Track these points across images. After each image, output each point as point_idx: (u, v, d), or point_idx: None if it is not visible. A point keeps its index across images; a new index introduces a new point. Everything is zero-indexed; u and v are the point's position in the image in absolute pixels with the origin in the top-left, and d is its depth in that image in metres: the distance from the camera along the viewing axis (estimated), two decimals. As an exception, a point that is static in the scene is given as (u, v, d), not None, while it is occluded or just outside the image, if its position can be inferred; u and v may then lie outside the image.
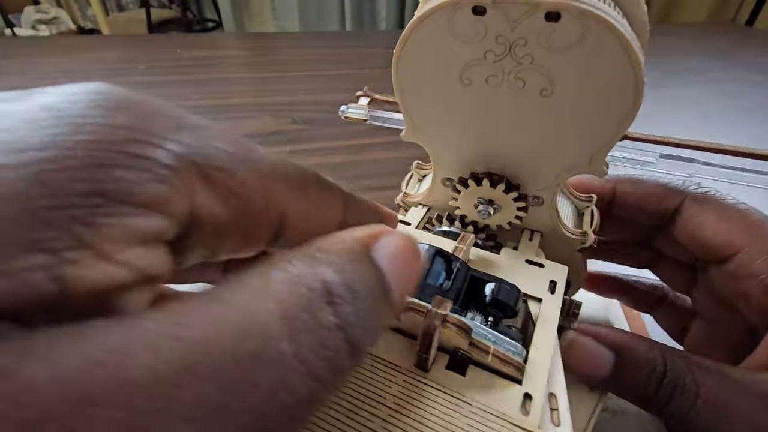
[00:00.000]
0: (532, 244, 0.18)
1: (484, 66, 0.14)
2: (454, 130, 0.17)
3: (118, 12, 1.83)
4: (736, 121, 0.51)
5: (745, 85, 0.60)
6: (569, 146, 0.16)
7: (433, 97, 0.16)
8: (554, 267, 0.17)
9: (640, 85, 0.13)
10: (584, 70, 0.14)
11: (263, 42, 0.82)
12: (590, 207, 0.20)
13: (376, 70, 0.64)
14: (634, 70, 0.13)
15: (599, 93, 0.14)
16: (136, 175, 0.07)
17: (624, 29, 0.13)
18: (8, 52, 0.68)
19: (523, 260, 0.17)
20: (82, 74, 0.60)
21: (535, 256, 0.18)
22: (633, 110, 0.14)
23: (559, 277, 0.17)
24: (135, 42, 0.79)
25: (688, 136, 0.19)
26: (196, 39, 0.89)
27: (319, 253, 0.09)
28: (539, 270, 0.17)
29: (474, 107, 0.16)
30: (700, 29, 0.88)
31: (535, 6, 0.13)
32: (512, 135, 0.16)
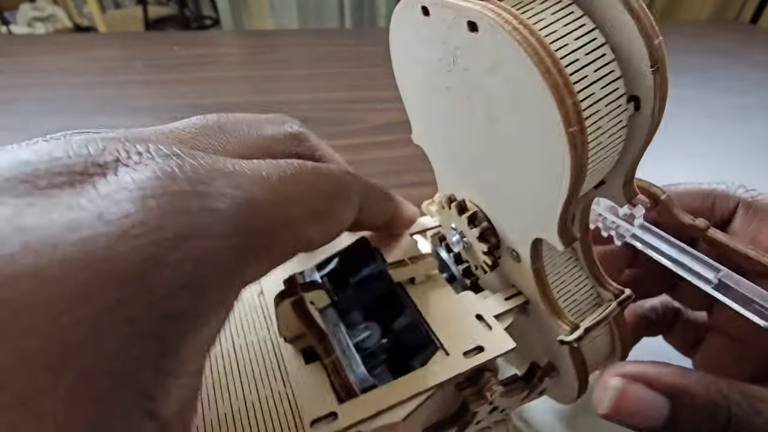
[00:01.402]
0: (507, 303, 0.15)
1: (440, 74, 0.13)
2: (438, 140, 0.15)
3: (115, 9, 1.81)
4: (739, 119, 0.51)
5: (749, 83, 0.60)
6: (524, 195, 0.12)
7: (418, 99, 0.15)
8: (499, 338, 0.14)
9: (576, 143, 0.10)
10: (510, 100, 0.11)
11: (261, 39, 0.81)
12: (612, 304, 0.15)
13: (375, 68, 0.64)
14: (559, 115, 0.09)
15: (529, 134, 0.11)
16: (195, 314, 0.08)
17: (544, 51, 0.09)
18: (4, 50, 0.68)
19: (475, 313, 0.15)
20: (79, 72, 0.60)
21: (491, 317, 0.15)
22: (570, 180, 0.10)
23: (492, 348, 0.14)
24: (132, 40, 0.78)
25: (691, 134, 0.18)
26: (193, 36, 0.88)
27: None
28: (480, 330, 0.14)
29: (446, 119, 0.14)
30: (703, 27, 0.87)
31: (457, 11, 0.10)
32: (480, 163, 0.14)
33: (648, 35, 0.10)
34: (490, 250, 0.15)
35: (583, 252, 0.15)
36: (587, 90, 0.10)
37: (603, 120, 0.10)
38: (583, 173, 0.10)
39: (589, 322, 0.15)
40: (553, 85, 0.09)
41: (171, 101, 0.52)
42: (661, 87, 0.10)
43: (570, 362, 0.15)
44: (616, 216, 0.17)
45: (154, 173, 0.08)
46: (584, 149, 0.10)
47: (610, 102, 0.10)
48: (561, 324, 0.15)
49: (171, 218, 0.07)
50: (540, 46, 0.09)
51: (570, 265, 0.15)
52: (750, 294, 0.13)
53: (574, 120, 0.10)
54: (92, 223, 0.07)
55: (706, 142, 0.46)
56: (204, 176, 0.08)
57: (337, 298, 0.14)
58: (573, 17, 0.10)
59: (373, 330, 0.14)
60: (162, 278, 0.07)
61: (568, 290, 0.16)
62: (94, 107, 0.50)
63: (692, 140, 0.45)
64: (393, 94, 0.16)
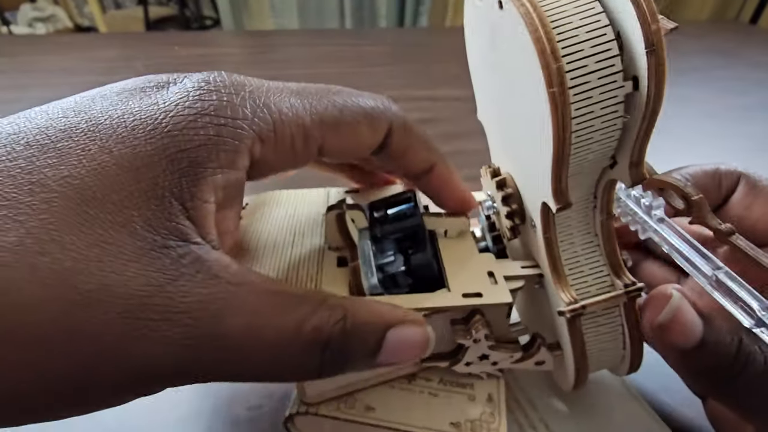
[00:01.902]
0: (521, 270, 0.17)
1: (488, 53, 0.15)
2: (490, 116, 0.17)
3: (115, 10, 1.81)
4: (739, 119, 0.51)
5: (749, 83, 0.60)
6: (532, 159, 0.14)
7: (479, 79, 0.17)
8: (499, 292, 0.16)
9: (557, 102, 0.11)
10: (519, 69, 0.13)
11: (262, 40, 0.81)
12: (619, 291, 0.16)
13: (376, 68, 0.64)
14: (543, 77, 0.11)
15: (530, 99, 0.12)
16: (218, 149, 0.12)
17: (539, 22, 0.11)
18: (5, 50, 0.68)
19: (486, 270, 0.16)
20: (80, 72, 0.60)
21: (501, 276, 0.16)
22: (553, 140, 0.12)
23: (488, 297, 0.15)
24: (132, 40, 0.78)
25: (692, 134, 0.19)
26: (194, 36, 0.89)
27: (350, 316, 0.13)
28: (486, 283, 0.16)
29: (493, 95, 0.16)
30: (704, 27, 0.88)
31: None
32: (510, 133, 0.15)
33: (645, 20, 0.11)
34: (510, 215, 0.16)
35: (603, 236, 0.16)
36: (580, 62, 0.11)
37: (595, 91, 0.12)
38: (565, 134, 0.12)
39: (590, 300, 0.15)
40: (541, 50, 0.11)
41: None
42: (657, 69, 0.11)
43: (568, 341, 0.16)
44: (638, 206, 0.17)
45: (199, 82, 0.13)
46: (565, 110, 0.11)
47: (604, 76, 0.12)
48: (562, 295, 0.15)
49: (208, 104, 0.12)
50: (537, 18, 0.11)
51: (588, 248, 0.16)
52: (741, 293, 0.13)
53: (556, 82, 0.11)
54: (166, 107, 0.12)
55: (707, 142, 0.46)
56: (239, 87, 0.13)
57: (375, 225, 0.17)
58: (585, 1, 0.12)
59: (398, 259, 0.17)
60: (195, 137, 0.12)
61: (581, 271, 0.16)
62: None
63: (692, 140, 0.45)
64: (394, 94, 0.17)
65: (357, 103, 0.15)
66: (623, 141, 0.13)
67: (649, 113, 0.12)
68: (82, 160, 0.11)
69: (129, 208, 0.11)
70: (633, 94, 0.12)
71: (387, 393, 0.18)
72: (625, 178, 0.13)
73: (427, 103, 0.52)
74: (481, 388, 0.18)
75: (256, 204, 0.22)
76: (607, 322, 0.16)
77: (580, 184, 0.15)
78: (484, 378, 0.19)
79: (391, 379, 0.18)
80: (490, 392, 0.18)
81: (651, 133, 0.12)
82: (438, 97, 0.54)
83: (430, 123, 0.47)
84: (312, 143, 0.14)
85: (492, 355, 0.17)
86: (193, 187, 0.12)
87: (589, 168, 0.14)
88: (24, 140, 0.11)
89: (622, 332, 0.16)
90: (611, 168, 0.14)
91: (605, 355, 0.17)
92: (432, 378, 0.18)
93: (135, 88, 0.13)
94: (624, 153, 0.13)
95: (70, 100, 0.13)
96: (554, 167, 0.13)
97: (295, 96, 0.14)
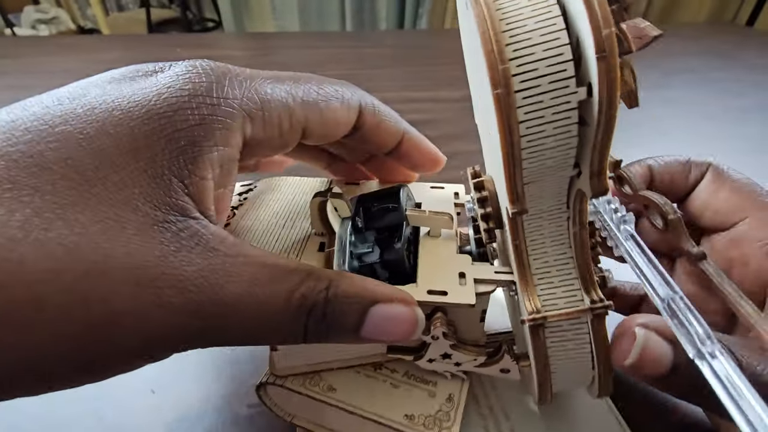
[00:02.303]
0: (493, 275, 0.16)
1: (474, 56, 0.14)
2: (480, 119, 0.17)
3: (118, 12, 1.82)
4: (736, 121, 0.51)
5: (746, 85, 0.60)
6: (496, 165, 0.14)
7: (470, 79, 0.17)
8: (465, 293, 0.15)
9: (501, 103, 0.11)
10: (481, 68, 0.12)
11: (263, 42, 0.82)
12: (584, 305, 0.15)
13: (376, 70, 0.64)
14: (488, 77, 0.11)
15: (487, 98, 0.12)
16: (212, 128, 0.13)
17: (490, 23, 0.11)
18: (8, 51, 0.68)
19: (459, 271, 0.16)
20: (83, 74, 0.60)
21: (471, 278, 0.16)
22: (500, 142, 0.12)
23: (453, 297, 0.15)
24: (135, 42, 0.79)
25: (689, 136, 0.19)
26: (196, 39, 0.89)
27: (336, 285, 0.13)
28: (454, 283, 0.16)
29: (477, 96, 0.16)
30: (701, 29, 0.88)
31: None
32: (486, 136, 0.15)
33: (596, 24, 0.10)
34: (485, 218, 0.16)
35: (575, 248, 0.15)
36: (531, 65, 0.11)
37: (545, 95, 0.11)
38: (512, 137, 0.12)
39: (553, 312, 0.15)
40: (487, 51, 0.11)
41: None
42: (608, 75, 0.10)
43: (531, 352, 0.15)
44: (611, 220, 0.17)
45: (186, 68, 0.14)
46: (510, 112, 0.11)
47: (555, 80, 0.11)
48: (526, 303, 0.15)
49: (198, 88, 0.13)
50: (489, 18, 0.11)
51: (561, 259, 0.15)
52: (688, 323, 0.13)
53: (501, 84, 0.11)
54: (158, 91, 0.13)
55: (703, 144, 0.46)
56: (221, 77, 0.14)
57: (358, 216, 0.18)
58: (544, 4, 0.12)
59: (375, 250, 0.17)
60: (189, 117, 0.12)
61: (551, 282, 0.15)
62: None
63: (689, 141, 0.46)
64: (394, 96, 0.17)
65: (330, 86, 0.16)
66: (584, 149, 0.12)
67: (603, 121, 0.11)
68: (81, 143, 0.11)
69: (129, 186, 0.11)
70: (588, 101, 0.11)
71: (351, 377, 0.19)
72: (587, 189, 0.13)
73: (428, 105, 0.53)
74: (443, 387, 0.19)
75: (259, 189, 0.23)
76: (573, 337, 0.15)
77: (545, 191, 0.14)
78: (448, 378, 0.19)
79: (358, 364, 0.19)
80: (451, 392, 0.18)
81: (609, 143, 0.12)
82: (438, 98, 0.55)
83: (431, 124, 0.48)
84: (296, 123, 0.15)
85: (454, 355, 0.17)
86: (191, 164, 0.12)
87: (552, 175, 0.13)
88: (23, 127, 0.11)
89: (591, 351, 0.15)
90: (578, 177, 0.13)
91: (573, 373, 0.16)
92: (398, 370, 0.19)
93: (124, 77, 0.13)
94: (585, 162, 0.12)
95: (63, 90, 0.13)
96: (505, 170, 0.12)
97: (274, 81, 0.15)
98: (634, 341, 0.14)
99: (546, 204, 0.15)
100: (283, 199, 0.21)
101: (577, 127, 0.12)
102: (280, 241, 0.18)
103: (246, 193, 0.23)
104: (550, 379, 0.16)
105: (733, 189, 0.18)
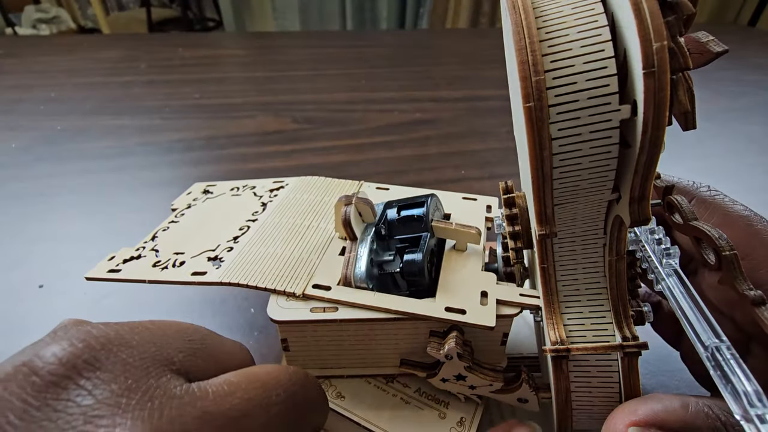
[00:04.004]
0: (518, 297, 0.15)
1: (512, 62, 0.13)
2: (516, 130, 0.16)
3: (119, 11, 1.82)
4: (738, 121, 0.51)
5: (747, 85, 0.60)
6: (527, 183, 0.13)
7: (510, 88, 0.16)
8: (485, 314, 0.15)
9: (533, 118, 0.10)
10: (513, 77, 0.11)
11: (264, 41, 0.82)
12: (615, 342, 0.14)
13: (376, 69, 0.64)
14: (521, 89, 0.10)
15: (518, 111, 0.11)
16: None
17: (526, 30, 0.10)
18: (9, 51, 0.68)
19: (481, 289, 0.16)
20: (83, 73, 0.60)
21: (494, 298, 0.15)
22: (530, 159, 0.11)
23: (472, 317, 0.15)
24: (136, 41, 0.79)
25: (689, 136, 0.18)
26: (196, 38, 0.89)
27: None
28: (475, 302, 0.15)
29: (513, 107, 0.15)
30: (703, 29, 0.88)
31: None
32: (522, 156, 0.14)
33: (646, 36, 0.09)
34: (513, 236, 0.15)
35: (610, 278, 0.14)
36: (569, 78, 0.10)
37: (583, 112, 0.10)
38: (542, 152, 0.11)
39: (580, 345, 0.14)
40: (521, 61, 0.10)
41: (176, 101, 0.52)
42: (657, 94, 0.09)
43: (553, 385, 0.15)
44: (654, 253, 0.15)
45: None
46: (542, 127, 0.10)
47: (595, 96, 0.10)
48: (551, 332, 0.14)
49: None
50: (525, 26, 0.10)
51: (593, 289, 0.14)
52: (735, 378, 0.11)
53: (534, 97, 0.10)
54: None
55: (705, 144, 0.46)
56: None
57: (382, 223, 0.18)
58: (590, 12, 0.10)
59: (396, 260, 0.17)
60: None
61: (580, 312, 0.14)
62: (100, 107, 0.51)
63: (690, 141, 0.46)
64: (394, 96, 0.17)
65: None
66: (625, 173, 0.11)
67: (648, 144, 0.10)
68: None
69: None
70: (632, 121, 0.10)
71: (362, 387, 0.18)
72: (626, 216, 0.12)
73: (428, 104, 0.53)
74: (455, 410, 0.18)
75: (291, 186, 0.23)
76: (600, 375, 0.14)
77: (579, 214, 0.13)
78: (462, 400, 0.18)
79: (370, 375, 0.18)
80: (463, 416, 0.17)
81: (653, 167, 0.11)
82: (438, 98, 0.55)
83: (431, 124, 0.48)
84: None
85: (469, 377, 0.16)
86: None
87: (586, 198, 0.12)
88: None
89: (619, 391, 0.14)
90: (617, 202, 0.12)
91: (597, 412, 0.15)
92: (410, 385, 0.18)
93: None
94: (626, 186, 0.11)
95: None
96: (534, 188, 0.11)
97: None
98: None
99: (579, 228, 0.13)
100: (312, 200, 0.21)
101: (617, 148, 0.11)
102: (303, 241, 0.18)
103: (277, 190, 0.23)
104: (572, 416, 0.15)
105: (725, 224, 0.16)
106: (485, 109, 0.52)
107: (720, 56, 0.10)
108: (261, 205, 0.21)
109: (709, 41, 0.11)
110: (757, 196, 0.37)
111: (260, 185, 0.23)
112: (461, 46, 0.78)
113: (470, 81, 0.61)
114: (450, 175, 0.39)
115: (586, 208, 0.13)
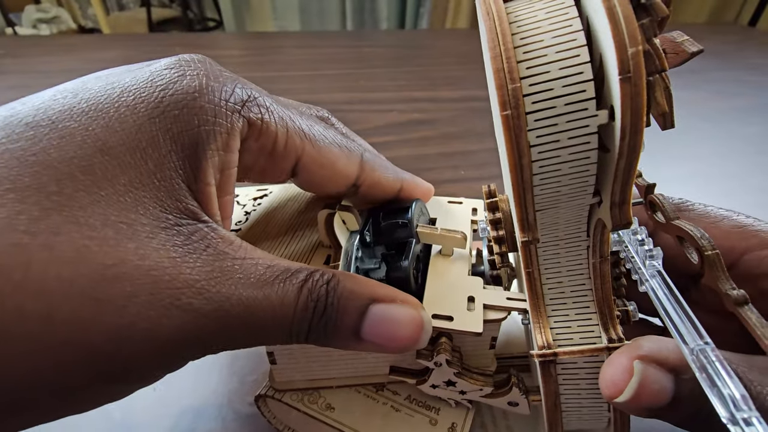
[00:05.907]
0: (505, 301, 0.15)
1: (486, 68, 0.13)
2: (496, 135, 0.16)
3: (119, 11, 1.83)
4: (737, 122, 0.51)
5: (747, 86, 0.60)
6: (509, 188, 0.13)
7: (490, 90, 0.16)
8: (472, 319, 0.15)
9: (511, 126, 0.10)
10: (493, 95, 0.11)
11: (264, 41, 0.82)
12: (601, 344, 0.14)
13: (376, 69, 0.64)
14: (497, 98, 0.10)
15: (497, 119, 0.11)
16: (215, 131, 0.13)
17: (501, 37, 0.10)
18: (10, 50, 0.69)
19: (468, 295, 0.15)
20: (83, 73, 0.60)
21: (481, 303, 0.15)
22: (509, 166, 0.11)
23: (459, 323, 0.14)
24: (136, 41, 0.79)
25: (688, 136, 0.18)
26: (196, 38, 0.89)
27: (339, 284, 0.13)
28: (462, 307, 0.15)
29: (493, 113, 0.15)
30: (702, 30, 0.88)
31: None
32: (503, 162, 0.14)
33: (621, 41, 0.09)
34: (497, 240, 0.15)
35: (594, 280, 0.14)
36: (545, 84, 0.10)
37: (561, 118, 0.10)
38: (521, 160, 0.11)
39: (567, 349, 0.14)
40: (496, 69, 0.10)
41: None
42: (633, 99, 0.09)
43: (542, 388, 0.15)
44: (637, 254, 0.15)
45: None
46: (520, 135, 0.10)
47: (572, 102, 0.10)
48: (538, 336, 0.14)
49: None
50: (500, 33, 0.10)
51: (578, 292, 0.14)
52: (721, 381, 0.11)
53: (511, 104, 0.10)
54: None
55: (703, 144, 0.46)
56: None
57: (366, 230, 0.17)
58: (564, 16, 0.10)
59: (382, 267, 0.16)
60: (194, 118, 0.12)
61: (566, 315, 0.14)
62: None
63: (689, 142, 0.46)
64: (393, 96, 0.17)
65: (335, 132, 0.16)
66: (605, 177, 0.11)
67: (627, 149, 0.10)
68: (87, 140, 0.11)
69: (138, 188, 0.11)
70: (609, 126, 0.10)
71: (351, 396, 0.18)
72: (608, 220, 0.12)
73: (428, 105, 0.53)
74: (446, 415, 0.17)
75: (275, 195, 0.22)
76: (588, 377, 0.14)
77: (561, 219, 0.13)
78: (452, 405, 0.18)
79: (359, 384, 0.18)
80: (454, 421, 0.17)
81: (632, 172, 0.11)
82: (438, 98, 0.55)
83: (430, 124, 0.48)
84: (292, 148, 0.15)
85: (459, 383, 0.16)
86: (196, 169, 0.12)
87: (568, 203, 0.12)
88: (23, 122, 0.11)
89: None
90: (599, 206, 0.12)
91: (586, 414, 0.15)
92: (400, 393, 0.18)
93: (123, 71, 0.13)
94: (606, 191, 0.11)
95: (61, 86, 0.12)
96: (515, 195, 0.12)
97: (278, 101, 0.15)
98: (629, 376, 0.12)
99: (563, 231, 0.13)
100: (296, 207, 0.21)
101: (596, 153, 0.11)
102: (288, 250, 0.18)
103: (260, 198, 0.22)
104: (561, 418, 0.15)
105: (710, 227, 0.16)
106: (484, 109, 0.52)
107: (695, 56, 0.10)
108: (244, 215, 0.21)
109: (684, 41, 0.11)
110: (755, 196, 0.37)
111: (243, 194, 0.23)
112: (461, 46, 0.78)
113: (469, 81, 0.61)
114: (449, 175, 0.39)
115: (567, 212, 0.13)
